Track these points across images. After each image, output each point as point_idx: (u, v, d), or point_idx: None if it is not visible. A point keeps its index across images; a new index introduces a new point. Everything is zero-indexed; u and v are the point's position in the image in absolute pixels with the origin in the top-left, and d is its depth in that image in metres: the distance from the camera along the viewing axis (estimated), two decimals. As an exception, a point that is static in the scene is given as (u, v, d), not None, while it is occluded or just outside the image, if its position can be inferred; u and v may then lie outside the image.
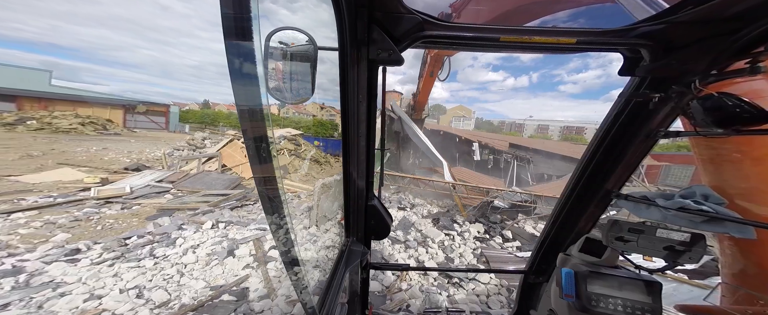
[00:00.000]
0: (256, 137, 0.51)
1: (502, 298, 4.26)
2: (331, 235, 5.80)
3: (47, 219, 5.27)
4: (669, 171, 18.08)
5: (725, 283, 1.14)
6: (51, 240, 4.54)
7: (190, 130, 27.21)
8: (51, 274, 3.70)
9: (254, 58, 0.44)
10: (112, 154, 12.30)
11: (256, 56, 0.44)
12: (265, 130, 0.51)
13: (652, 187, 13.02)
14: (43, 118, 17.75)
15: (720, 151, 1.18)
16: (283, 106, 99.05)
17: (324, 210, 6.10)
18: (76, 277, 3.67)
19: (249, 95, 0.47)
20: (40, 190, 6.79)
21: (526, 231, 6.92)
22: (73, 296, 3.32)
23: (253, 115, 0.49)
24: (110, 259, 4.15)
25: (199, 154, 11.67)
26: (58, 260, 3.99)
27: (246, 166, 10.64)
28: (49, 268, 3.81)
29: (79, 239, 4.69)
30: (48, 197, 6.31)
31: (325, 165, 14.01)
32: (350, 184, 1.27)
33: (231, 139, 12.07)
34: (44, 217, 5.36)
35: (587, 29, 0.91)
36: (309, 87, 0.87)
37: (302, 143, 14.59)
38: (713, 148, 1.21)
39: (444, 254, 5.48)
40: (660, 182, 17.29)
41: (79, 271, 3.80)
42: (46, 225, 5.07)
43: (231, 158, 10.98)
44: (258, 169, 0.55)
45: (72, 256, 4.14)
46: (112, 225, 5.43)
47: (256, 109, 0.49)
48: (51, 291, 3.37)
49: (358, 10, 0.86)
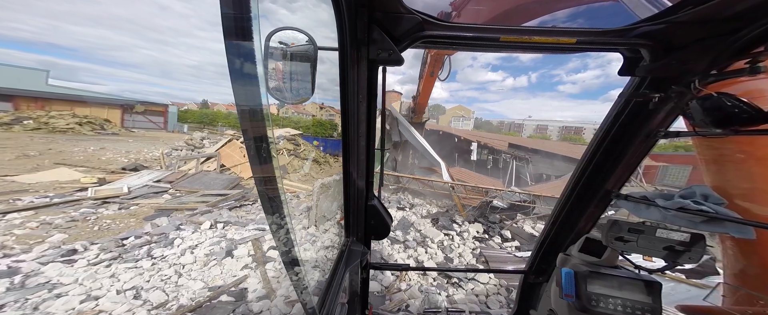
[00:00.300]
0: (257, 137, 0.51)
1: (501, 297, 4.26)
2: (331, 235, 5.79)
3: (43, 219, 5.23)
4: (666, 171, 18.22)
5: (726, 283, 1.14)
6: (47, 241, 4.51)
7: (188, 129, 27.00)
8: (47, 275, 3.67)
9: (254, 58, 0.44)
10: (109, 154, 12.23)
11: (256, 56, 0.44)
12: (265, 130, 0.51)
13: (649, 187, 13.12)
14: (40, 118, 17.62)
15: (722, 151, 1.18)
16: (282, 105, 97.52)
17: (323, 210, 6.08)
18: (72, 278, 3.64)
19: (249, 95, 0.47)
20: (37, 190, 6.73)
21: (525, 231, 6.94)
22: (69, 297, 3.29)
23: (254, 115, 0.49)
24: (107, 260, 4.12)
25: (197, 154, 11.62)
26: (54, 261, 3.95)
27: (245, 166, 10.60)
28: (46, 268, 3.78)
29: (76, 240, 4.66)
30: (44, 197, 6.27)
31: (325, 165, 13.98)
32: (350, 184, 1.27)
33: (229, 139, 12.02)
34: (40, 217, 5.32)
35: (587, 29, 0.91)
36: (309, 87, 0.87)
37: (301, 143, 14.57)
38: (716, 148, 1.21)
39: (443, 254, 5.47)
40: (657, 182, 17.41)
41: (75, 272, 3.77)
42: (42, 225, 5.03)
43: (230, 158, 10.94)
44: (258, 169, 0.55)
45: (68, 257, 4.11)
46: (110, 225, 5.39)
47: (257, 109, 0.49)
48: (47, 292, 3.35)
49: (358, 10, 0.85)
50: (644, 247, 1.00)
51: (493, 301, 4.14)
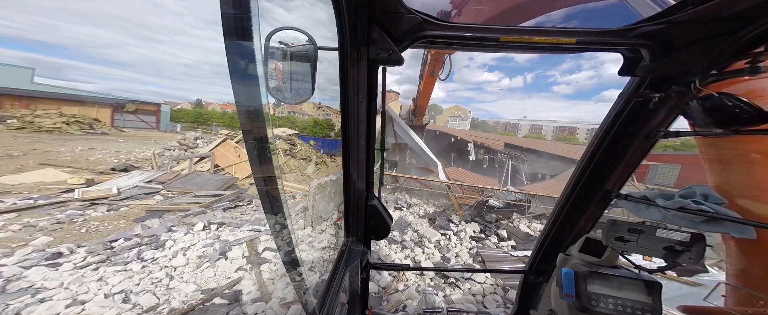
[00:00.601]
0: (257, 138, 0.51)
1: (498, 297, 4.28)
2: (328, 235, 5.75)
3: (27, 221, 5.05)
4: (656, 170, 18.72)
5: (727, 283, 1.16)
6: (31, 244, 4.35)
7: (181, 129, 26.50)
8: (30, 279, 3.54)
9: (254, 58, 0.44)
10: (98, 154, 11.90)
11: (256, 56, 0.44)
12: (265, 130, 0.51)
13: (640, 186, 13.46)
14: (25, 117, 17.08)
15: (722, 150, 1.20)
16: (279, 105, 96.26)
17: (319, 210, 6.02)
18: (57, 282, 3.52)
19: (249, 95, 0.47)
20: (20, 191, 6.51)
21: (521, 230, 7.01)
22: (53, 302, 3.18)
23: (254, 115, 0.49)
24: (95, 263, 4.00)
25: (191, 154, 11.40)
26: (38, 264, 3.82)
27: (239, 166, 10.46)
28: (29, 272, 3.64)
29: (62, 242, 4.51)
30: (28, 199, 6.06)
31: (321, 165, 13.88)
32: (350, 184, 1.25)
33: (224, 138, 11.82)
34: (24, 219, 5.14)
35: (587, 29, 0.91)
36: (309, 87, 0.86)
37: (298, 143, 14.40)
38: (719, 148, 1.23)
39: (440, 254, 5.48)
40: (647, 181, 17.90)
41: (60, 276, 3.64)
42: (25, 228, 4.86)
43: (224, 158, 10.77)
44: (258, 169, 0.55)
45: (53, 260, 3.97)
46: (98, 227, 5.24)
47: (257, 108, 0.49)
48: (30, 297, 3.23)
49: (358, 10, 0.84)
50: (644, 247, 1.01)
51: (489, 301, 4.16)
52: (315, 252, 5.05)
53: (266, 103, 0.50)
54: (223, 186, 8.48)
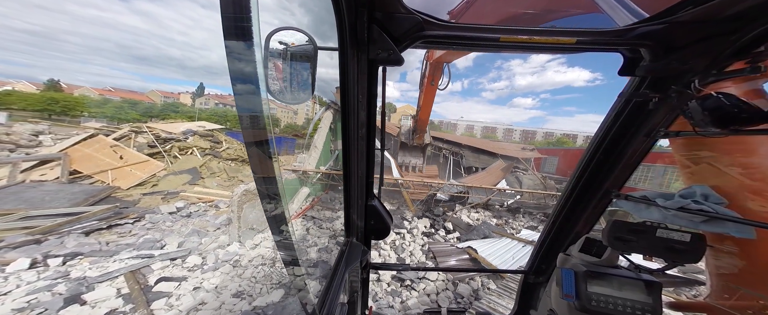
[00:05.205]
0: (257, 138, 0.52)
1: (449, 293, 4.35)
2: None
3: None
4: (546, 161, 22.23)
5: (712, 278, 1.15)
6: None
7: (9, 119, 18.40)
8: None
9: (254, 58, 0.45)
10: None
11: (256, 56, 0.45)
12: (265, 130, 0.52)
13: (539, 174, 15.11)
14: None
15: (690, 154, 1.17)
16: (199, 95, 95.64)
17: (250, 222, 5.00)
18: None
19: (249, 95, 0.48)
20: None
21: (463, 220, 7.30)
22: None
23: (254, 116, 0.50)
24: None
25: (22, 155, 8.01)
26: None
27: (121, 171, 7.69)
28: None
29: None
30: None
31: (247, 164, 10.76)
32: (350, 184, 1.27)
33: (92, 133, 8.81)
34: None
35: (587, 29, 0.91)
36: (309, 87, 0.88)
37: (224, 140, 11.84)
38: (690, 151, 1.20)
39: (396, 255, 5.38)
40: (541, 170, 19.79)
41: None
42: None
43: (91, 161, 7.80)
44: (258, 169, 0.56)
45: None
46: None
47: (257, 109, 0.50)
48: None
49: (358, 10, 0.85)
50: (644, 247, 1.00)
51: (443, 298, 4.19)
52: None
53: (267, 103, 0.51)
54: (87, 200, 6.23)
